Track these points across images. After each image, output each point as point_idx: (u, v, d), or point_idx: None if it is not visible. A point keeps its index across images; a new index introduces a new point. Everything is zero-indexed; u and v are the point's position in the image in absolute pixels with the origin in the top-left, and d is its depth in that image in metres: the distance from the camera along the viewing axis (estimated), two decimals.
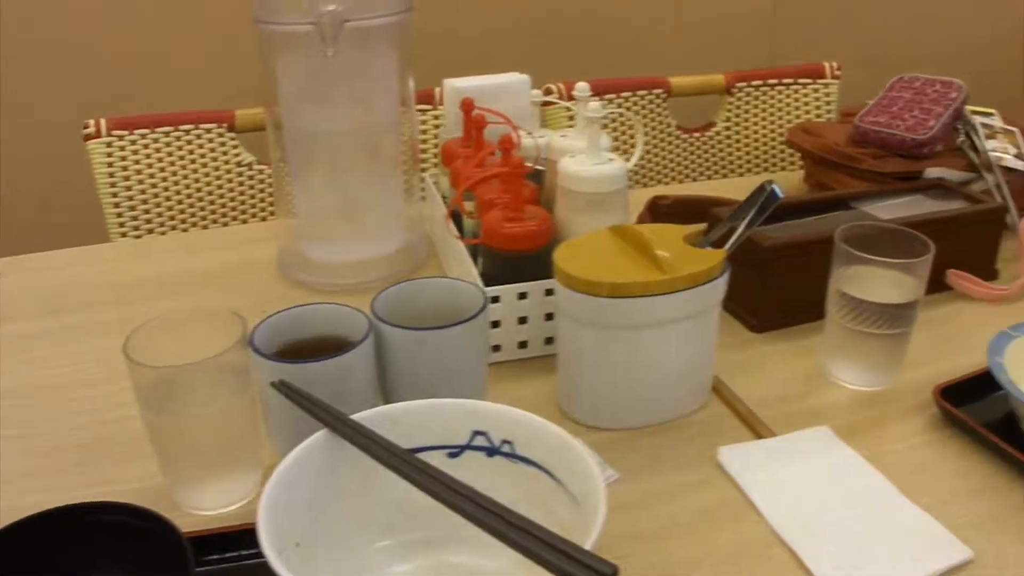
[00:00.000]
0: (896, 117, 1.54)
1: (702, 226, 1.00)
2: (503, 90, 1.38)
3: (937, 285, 1.29)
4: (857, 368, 1.06)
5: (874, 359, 1.05)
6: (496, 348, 1.07)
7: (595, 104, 1.08)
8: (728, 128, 2.09)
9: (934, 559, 0.80)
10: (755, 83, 2.08)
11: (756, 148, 2.12)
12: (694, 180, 2.07)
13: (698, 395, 1.01)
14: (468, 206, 1.18)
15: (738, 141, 2.10)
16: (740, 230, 0.96)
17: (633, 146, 1.95)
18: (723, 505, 0.87)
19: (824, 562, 0.79)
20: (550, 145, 1.21)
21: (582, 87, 1.17)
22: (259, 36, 1.22)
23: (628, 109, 1.94)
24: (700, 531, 0.83)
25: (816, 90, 2.13)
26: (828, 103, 2.13)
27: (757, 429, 0.97)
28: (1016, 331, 1.03)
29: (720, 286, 0.95)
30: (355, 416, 0.74)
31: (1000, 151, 1.52)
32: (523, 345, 1.08)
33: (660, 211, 1.25)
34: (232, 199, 1.82)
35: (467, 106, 1.28)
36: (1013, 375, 0.95)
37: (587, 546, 0.59)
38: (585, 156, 1.10)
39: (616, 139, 1.98)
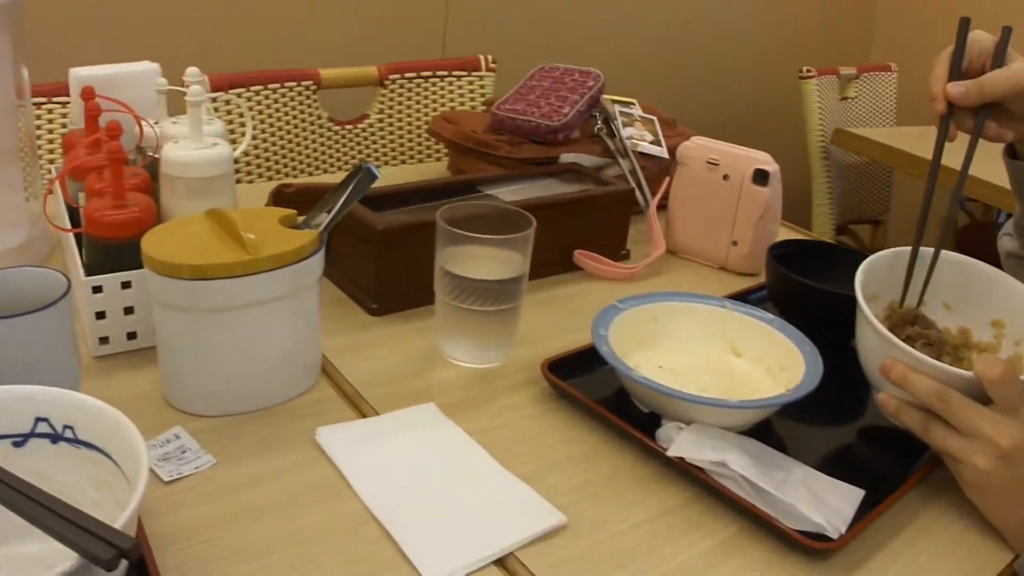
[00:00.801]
0: (532, 105, 1.59)
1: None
2: (131, 79, 1.34)
3: (569, 265, 1.35)
4: (467, 346, 1.08)
5: (483, 336, 1.08)
6: (104, 340, 1.04)
7: (196, 88, 1.07)
8: (381, 120, 2.11)
9: (526, 526, 0.82)
10: (409, 75, 2.10)
11: (409, 139, 2.16)
12: (347, 171, 2.05)
13: (305, 378, 1.02)
14: (82, 198, 1.14)
15: (391, 133, 2.13)
16: (335, 210, 0.96)
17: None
18: (318, 485, 0.87)
19: (414, 534, 0.81)
20: (163, 132, 1.19)
21: (192, 72, 1.14)
22: None
23: (276, 101, 1.93)
24: (292, 512, 0.83)
25: (471, 82, 2.18)
26: (483, 95, 2.18)
27: (362, 409, 0.98)
28: (623, 304, 1.08)
29: (313, 265, 0.95)
30: None
31: (637, 138, 1.60)
32: (132, 336, 1.05)
33: (285, 199, 1.25)
34: None
35: (87, 94, 1.24)
36: (618, 347, 0.99)
37: (119, 523, 0.58)
38: (188, 141, 1.08)
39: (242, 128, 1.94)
